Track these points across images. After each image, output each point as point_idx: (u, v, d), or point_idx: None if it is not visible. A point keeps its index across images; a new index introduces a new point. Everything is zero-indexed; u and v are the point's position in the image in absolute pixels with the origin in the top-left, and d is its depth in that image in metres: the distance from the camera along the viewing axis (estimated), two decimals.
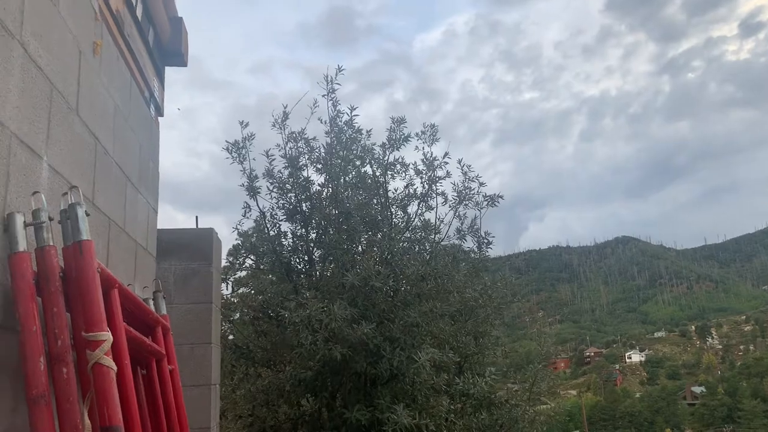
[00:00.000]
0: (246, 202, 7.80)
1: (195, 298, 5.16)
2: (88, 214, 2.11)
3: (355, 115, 7.09)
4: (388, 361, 6.01)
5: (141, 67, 3.94)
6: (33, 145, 2.25)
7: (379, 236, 7.30)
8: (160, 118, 4.64)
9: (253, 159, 7.87)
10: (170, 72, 4.97)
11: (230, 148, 7.80)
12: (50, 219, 2.09)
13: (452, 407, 6.58)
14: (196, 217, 5.49)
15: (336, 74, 7.05)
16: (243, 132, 7.82)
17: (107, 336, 1.92)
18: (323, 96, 7.11)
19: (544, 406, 9.15)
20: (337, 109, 7.16)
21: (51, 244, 2.05)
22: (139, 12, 3.87)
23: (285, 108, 7.80)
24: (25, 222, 2.03)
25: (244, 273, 8.12)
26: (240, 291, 8.23)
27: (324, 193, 7.42)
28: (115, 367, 1.91)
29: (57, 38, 2.49)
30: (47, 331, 1.96)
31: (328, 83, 7.03)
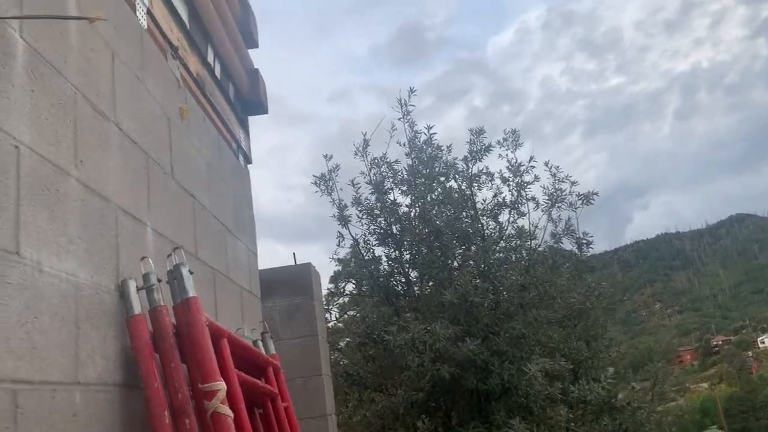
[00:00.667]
0: (339, 232, 8.00)
1: (301, 332, 5.35)
2: (191, 272, 2.26)
3: (432, 134, 7.14)
4: (498, 376, 5.95)
5: (226, 122, 4.17)
6: (137, 214, 2.45)
7: (473, 249, 7.27)
8: (249, 165, 4.88)
9: (341, 189, 8.09)
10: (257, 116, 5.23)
11: (318, 182, 8.06)
12: (159, 281, 2.26)
13: (571, 416, 6.40)
14: (294, 253, 5.69)
15: (409, 96, 7.15)
16: (328, 165, 8.06)
17: (221, 385, 2.04)
18: (399, 119, 7.22)
19: (672, 404, 8.69)
20: (414, 129, 7.24)
21: (162, 304, 2.21)
22: (217, 71, 4.11)
23: (365, 135, 7.97)
24: (137, 287, 2.21)
25: (346, 299, 8.30)
26: (344, 317, 8.41)
27: (412, 214, 7.49)
28: (231, 414, 2.03)
29: (147, 112, 2.70)
30: (167, 386, 2.11)
31: (402, 106, 7.14)
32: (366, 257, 7.93)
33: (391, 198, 7.77)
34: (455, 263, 6.95)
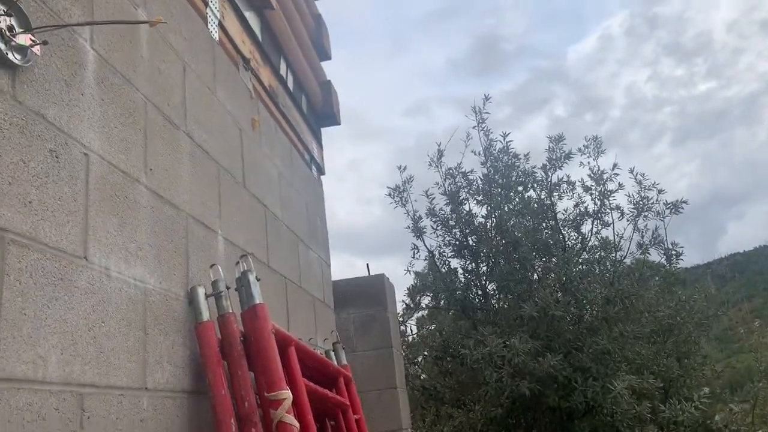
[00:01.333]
0: (414, 243, 7.92)
1: (375, 343, 5.29)
2: (258, 279, 2.25)
3: (509, 141, 6.96)
4: (581, 393, 5.67)
5: (298, 133, 4.20)
6: (207, 222, 2.46)
7: (554, 261, 7.00)
8: (323, 177, 4.90)
9: (415, 201, 8.01)
10: (335, 129, 5.24)
11: (392, 193, 8.01)
12: (227, 288, 2.26)
13: None
14: (367, 264, 5.66)
15: (484, 104, 7.01)
16: (402, 176, 8.00)
17: (287, 394, 2.00)
18: (474, 128, 7.09)
19: None
20: (490, 138, 7.08)
21: (230, 311, 2.20)
22: (290, 83, 4.15)
23: (439, 146, 7.87)
24: (206, 294, 2.21)
25: (424, 313, 8.20)
26: (421, 331, 8.31)
27: (488, 225, 7.31)
28: (297, 424, 1.98)
29: (218, 122, 2.74)
30: (234, 394, 2.10)
31: (477, 114, 7.00)
32: (442, 270, 7.81)
33: (467, 209, 7.63)
34: (535, 276, 6.71)
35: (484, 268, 7.24)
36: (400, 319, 7.12)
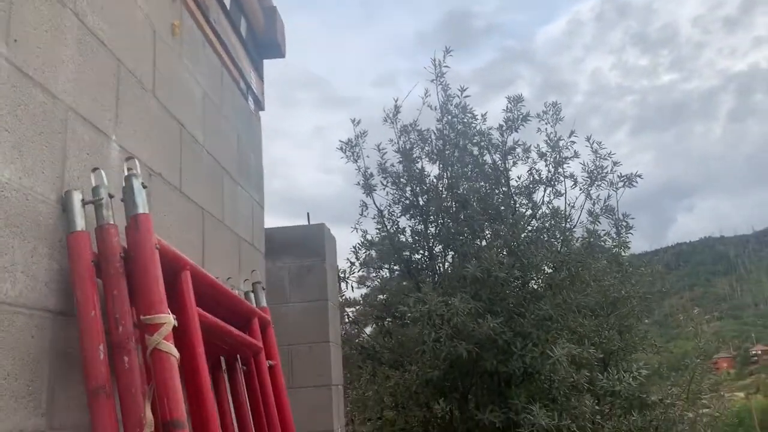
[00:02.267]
0: (362, 200, 7.63)
1: (310, 296, 5.01)
2: (145, 186, 1.91)
3: (466, 96, 6.68)
4: (519, 358, 5.52)
5: (233, 58, 3.82)
6: (97, 123, 2.11)
7: (503, 228, 6.81)
8: (262, 113, 4.53)
9: (367, 156, 7.71)
10: (302, 95, 4.86)
11: (344, 147, 7.69)
12: (111, 196, 1.92)
13: (597, 407, 5.94)
14: (308, 213, 5.35)
15: (444, 56, 6.70)
16: (355, 130, 7.68)
17: (167, 319, 1.70)
18: (432, 81, 6.78)
19: (706, 410, 8.14)
20: (448, 93, 6.79)
21: (110, 222, 1.87)
22: (227, 0, 3.75)
23: (395, 101, 7.56)
24: (83, 200, 1.87)
25: (368, 271, 7.94)
26: (362, 291, 8.07)
27: (439, 185, 7.07)
28: (176, 353, 1.68)
29: (122, 12, 2.36)
30: (108, 317, 1.78)
31: (436, 67, 6.69)
32: (389, 228, 7.55)
33: (419, 167, 7.36)
34: (483, 242, 6.49)
35: (433, 229, 7.01)
36: (342, 275, 6.85)
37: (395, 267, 7.64)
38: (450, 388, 6.06)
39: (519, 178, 7.36)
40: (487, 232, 6.93)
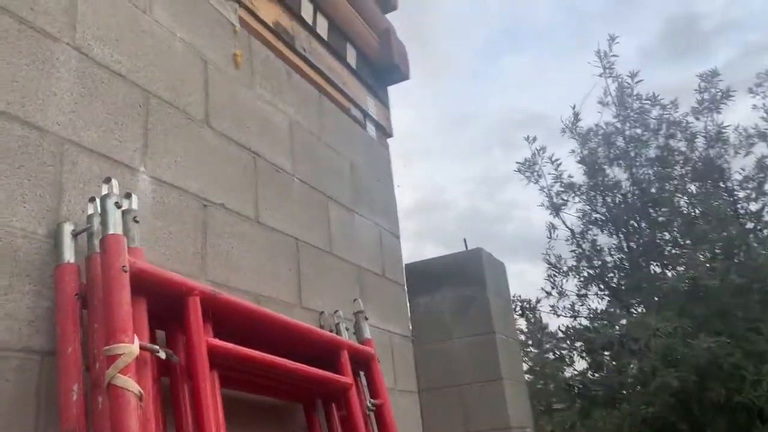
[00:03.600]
0: (550, 222, 6.96)
1: (475, 329, 4.51)
2: (119, 206, 1.74)
3: (638, 82, 5.76)
4: (755, 385, 4.36)
5: (337, 85, 3.67)
6: (114, 155, 2.02)
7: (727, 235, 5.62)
8: (390, 139, 4.31)
9: (549, 174, 7.06)
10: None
11: (521, 169, 7.15)
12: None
13: None
14: (464, 239, 4.92)
15: (610, 45, 5.90)
16: (532, 147, 7.11)
17: (126, 348, 1.46)
18: (599, 75, 6.00)
19: None
20: (621, 85, 5.94)
21: (98, 251, 1.72)
22: (321, 28, 3.63)
23: (573, 108, 6.86)
24: (74, 231, 1.76)
25: (559, 300, 7.12)
26: (566, 321, 7.23)
27: (633, 192, 6.14)
28: (135, 389, 1.43)
29: (151, 44, 2.30)
30: (88, 353, 1.61)
31: (602, 59, 5.91)
32: (585, 249, 6.74)
33: (610, 175, 6.51)
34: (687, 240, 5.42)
35: (633, 245, 6.05)
36: (527, 305, 6.20)
37: (599, 291, 6.75)
38: (671, 428, 5.01)
39: (743, 170, 6.13)
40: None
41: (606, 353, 6.65)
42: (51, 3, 1.94)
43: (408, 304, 4.15)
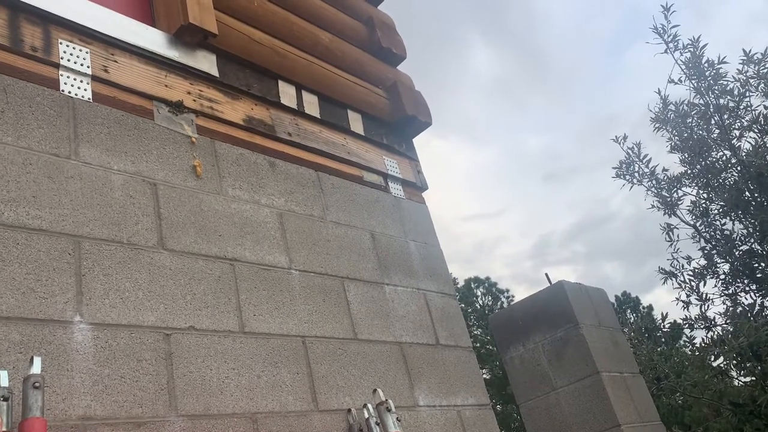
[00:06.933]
0: (667, 224, 6.17)
1: (577, 373, 3.97)
2: (37, 387, 1.62)
3: (703, 45, 4.99)
4: None
5: (339, 157, 3.48)
6: (38, 315, 1.95)
7: None
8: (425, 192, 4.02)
9: (648, 172, 6.33)
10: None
11: (619, 172, 6.49)
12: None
13: None
14: (546, 274, 4.41)
15: (666, 17, 5.20)
16: (624, 147, 6.45)
17: None
18: (663, 53, 5.30)
19: None
20: (692, 55, 5.19)
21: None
22: (309, 105, 3.49)
23: (658, 92, 6.14)
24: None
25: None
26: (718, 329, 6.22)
27: (748, 163, 5.28)
28: None
29: (78, 188, 2.26)
30: None
31: (661, 35, 5.22)
32: (718, 245, 5.85)
33: (716, 155, 5.68)
34: None
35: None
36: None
37: (745, 286, 5.77)
38: None
39: None
40: None
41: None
42: None
43: (479, 369, 3.73)
